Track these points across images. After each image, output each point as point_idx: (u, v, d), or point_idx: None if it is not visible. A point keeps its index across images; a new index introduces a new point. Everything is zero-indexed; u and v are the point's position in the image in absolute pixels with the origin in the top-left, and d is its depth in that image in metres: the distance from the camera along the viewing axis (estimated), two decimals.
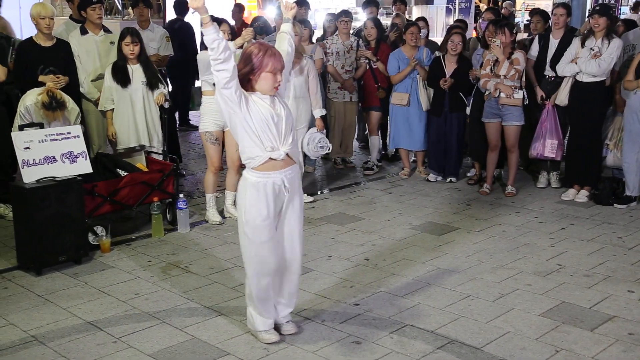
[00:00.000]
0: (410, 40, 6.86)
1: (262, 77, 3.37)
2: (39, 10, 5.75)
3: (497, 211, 6.02)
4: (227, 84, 3.26)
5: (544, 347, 3.62)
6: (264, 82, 3.38)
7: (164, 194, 5.50)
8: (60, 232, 4.64)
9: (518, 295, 4.26)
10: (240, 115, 3.36)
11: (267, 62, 3.34)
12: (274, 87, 3.41)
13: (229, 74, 3.24)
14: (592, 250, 5.05)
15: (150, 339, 3.72)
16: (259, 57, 3.35)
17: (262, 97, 3.43)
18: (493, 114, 6.36)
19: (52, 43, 5.88)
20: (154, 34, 7.13)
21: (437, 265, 4.77)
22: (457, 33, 6.77)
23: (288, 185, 3.48)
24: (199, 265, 4.80)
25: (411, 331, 3.79)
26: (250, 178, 3.47)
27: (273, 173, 3.44)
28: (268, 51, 3.36)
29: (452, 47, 6.62)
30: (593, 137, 6.23)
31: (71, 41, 6.18)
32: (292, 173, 3.53)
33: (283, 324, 3.76)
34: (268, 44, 3.48)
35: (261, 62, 3.35)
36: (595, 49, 6.00)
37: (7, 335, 3.77)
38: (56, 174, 4.72)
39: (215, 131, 5.58)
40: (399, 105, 6.96)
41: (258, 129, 3.37)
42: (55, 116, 5.04)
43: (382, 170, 7.49)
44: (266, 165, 3.42)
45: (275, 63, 3.36)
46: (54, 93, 5.11)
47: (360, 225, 5.67)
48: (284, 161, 3.45)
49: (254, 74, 3.38)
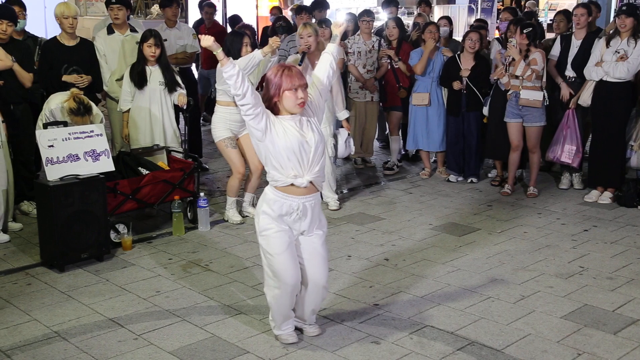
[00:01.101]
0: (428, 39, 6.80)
1: (284, 97, 3.37)
2: (62, 10, 5.82)
3: (519, 212, 5.97)
4: (250, 113, 3.31)
5: (566, 350, 3.58)
6: (286, 100, 3.37)
7: (185, 192, 5.54)
8: (82, 230, 4.69)
9: (539, 297, 4.22)
10: (265, 143, 3.37)
11: (285, 80, 3.36)
12: (298, 105, 3.37)
13: (250, 105, 3.29)
14: (615, 252, 4.99)
15: (171, 337, 3.75)
16: (277, 78, 3.38)
17: (293, 121, 3.40)
18: (514, 114, 6.31)
19: (75, 42, 5.96)
20: (181, 31, 7.22)
21: (457, 266, 4.74)
22: (474, 31, 6.76)
23: (308, 211, 3.45)
24: (219, 264, 4.82)
25: (431, 332, 3.77)
26: (269, 194, 3.48)
27: (292, 197, 3.42)
28: (285, 70, 3.38)
29: (470, 45, 6.59)
30: (617, 138, 6.15)
31: (97, 40, 6.27)
32: (314, 201, 3.50)
33: (306, 326, 3.76)
34: (285, 63, 3.50)
35: (280, 82, 3.36)
36: (620, 51, 5.91)
37: (31, 331, 3.83)
38: (79, 171, 4.78)
39: (232, 136, 5.60)
40: (420, 105, 6.93)
41: (283, 158, 3.37)
42: (84, 121, 5.09)
43: (402, 170, 7.46)
44: (287, 188, 3.42)
45: (292, 80, 3.35)
46: (80, 99, 5.16)
47: (380, 225, 5.66)
48: (307, 189, 3.44)
49: (277, 96, 3.39)
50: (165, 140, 5.86)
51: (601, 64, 6.02)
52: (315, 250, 3.54)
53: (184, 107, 5.80)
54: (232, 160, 5.64)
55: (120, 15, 6.26)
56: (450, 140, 6.90)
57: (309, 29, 5.71)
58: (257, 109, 3.31)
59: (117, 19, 6.26)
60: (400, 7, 9.51)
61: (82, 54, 5.97)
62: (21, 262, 4.86)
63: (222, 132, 5.58)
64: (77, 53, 5.93)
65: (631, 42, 5.90)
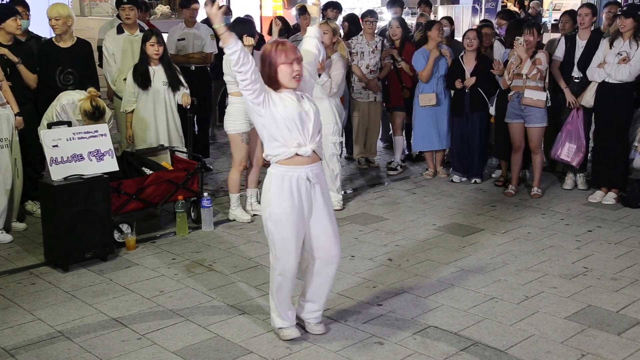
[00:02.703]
0: (436, 36, 6.79)
1: (280, 71, 3.41)
2: (48, 11, 5.83)
3: (523, 213, 5.96)
4: (249, 88, 3.32)
5: (570, 350, 3.57)
6: (282, 75, 3.41)
7: (188, 192, 5.55)
8: (86, 229, 4.70)
9: (543, 297, 4.22)
10: (266, 117, 3.40)
11: (280, 54, 3.40)
12: (293, 78, 3.42)
13: (249, 81, 3.30)
14: (619, 253, 4.98)
15: (174, 336, 3.75)
16: (272, 53, 3.42)
17: (290, 95, 3.46)
18: (516, 114, 6.31)
19: (72, 43, 5.92)
20: (200, 32, 7.25)
21: (461, 266, 4.74)
22: (472, 30, 6.78)
23: (313, 180, 3.49)
24: (222, 264, 4.82)
25: (434, 332, 3.77)
26: (274, 172, 3.49)
27: (298, 167, 3.45)
28: (279, 45, 3.43)
29: (468, 43, 6.60)
30: (620, 139, 6.14)
31: (107, 39, 6.30)
32: (318, 169, 3.55)
33: (313, 323, 3.76)
34: (279, 39, 3.56)
35: (275, 57, 3.40)
36: (623, 54, 5.89)
37: (35, 331, 3.84)
38: (83, 171, 4.79)
39: (249, 130, 5.60)
40: (428, 106, 6.90)
41: (284, 128, 3.40)
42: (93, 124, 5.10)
43: (406, 170, 7.46)
44: (291, 160, 3.45)
45: (287, 54, 3.39)
46: (97, 103, 5.16)
47: (384, 225, 5.66)
48: (310, 157, 3.48)
49: (274, 71, 3.42)
50: (169, 140, 5.87)
51: (604, 65, 6.01)
52: (326, 225, 3.56)
53: (187, 107, 5.80)
54: (239, 153, 5.65)
55: (131, 15, 6.29)
56: (455, 140, 6.89)
57: (326, 26, 5.83)
58: (256, 85, 3.34)
59: (128, 18, 6.29)
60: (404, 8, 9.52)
61: (77, 55, 5.92)
62: (25, 262, 4.88)
63: (241, 126, 5.58)
64: (72, 54, 5.89)
65: (633, 44, 5.88)
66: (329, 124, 5.86)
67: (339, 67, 5.89)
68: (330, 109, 5.90)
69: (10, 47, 5.52)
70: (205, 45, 7.24)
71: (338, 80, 5.87)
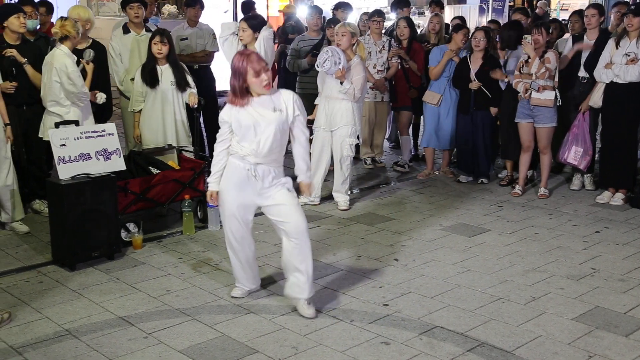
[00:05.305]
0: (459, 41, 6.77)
1: (251, 84, 3.75)
2: (69, 12, 5.90)
3: (530, 213, 5.94)
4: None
5: (577, 352, 3.56)
6: (253, 87, 3.77)
7: (195, 191, 5.56)
8: (93, 228, 4.72)
9: (550, 298, 4.20)
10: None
11: (246, 68, 3.71)
12: (264, 87, 3.76)
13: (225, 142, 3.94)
14: (627, 254, 4.95)
15: (181, 335, 3.76)
16: (240, 67, 3.73)
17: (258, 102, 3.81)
18: (525, 114, 6.29)
19: (86, 45, 5.94)
20: (202, 31, 7.30)
21: (467, 266, 4.73)
22: (480, 29, 6.76)
23: (260, 174, 3.82)
24: (229, 263, 4.81)
25: (441, 333, 3.76)
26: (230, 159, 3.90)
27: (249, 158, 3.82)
28: (244, 58, 3.73)
29: (475, 44, 6.59)
30: (628, 139, 6.11)
31: (113, 39, 6.34)
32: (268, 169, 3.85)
33: (304, 305, 3.91)
34: (246, 50, 3.91)
35: (244, 71, 3.72)
36: (631, 54, 5.86)
37: (42, 329, 3.85)
38: (91, 170, 4.80)
39: None
40: (429, 104, 6.92)
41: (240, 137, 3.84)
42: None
43: (412, 170, 7.45)
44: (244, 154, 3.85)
45: (253, 66, 3.70)
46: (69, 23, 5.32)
47: (390, 225, 5.65)
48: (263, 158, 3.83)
49: (245, 83, 3.75)
50: (177, 140, 5.88)
51: (611, 65, 5.98)
52: (285, 200, 3.88)
53: (194, 106, 5.81)
54: None
55: (140, 13, 6.37)
56: (460, 140, 6.88)
57: (343, 29, 5.86)
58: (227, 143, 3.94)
59: (137, 17, 6.35)
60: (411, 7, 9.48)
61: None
62: (33, 261, 4.89)
63: None
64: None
65: None
66: (347, 125, 5.87)
67: (359, 71, 5.87)
68: (350, 110, 5.88)
69: (18, 46, 5.54)
70: (208, 44, 7.27)
71: (360, 85, 5.86)
